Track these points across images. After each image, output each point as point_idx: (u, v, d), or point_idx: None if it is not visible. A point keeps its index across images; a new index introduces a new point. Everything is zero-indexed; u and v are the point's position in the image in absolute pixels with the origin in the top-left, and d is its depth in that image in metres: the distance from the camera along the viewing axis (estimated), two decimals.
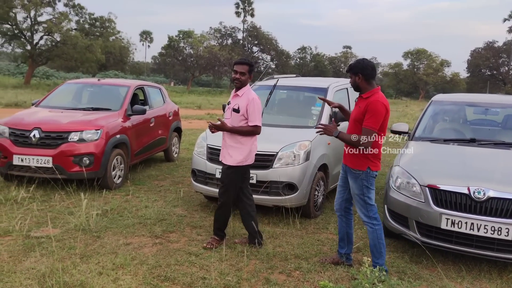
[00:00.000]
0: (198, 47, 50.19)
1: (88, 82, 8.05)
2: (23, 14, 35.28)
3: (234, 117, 4.33)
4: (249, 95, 4.35)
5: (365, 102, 3.75)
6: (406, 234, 4.38)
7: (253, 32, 54.00)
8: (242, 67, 4.32)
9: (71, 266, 3.74)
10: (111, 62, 46.15)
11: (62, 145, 5.90)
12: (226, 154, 4.37)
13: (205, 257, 4.16)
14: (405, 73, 62.49)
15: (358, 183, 3.87)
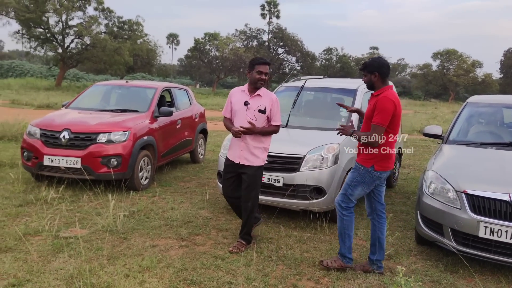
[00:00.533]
0: (224, 49, 50.44)
1: (116, 84, 8.14)
2: (55, 18, 36.47)
3: (260, 118, 4.28)
4: (271, 95, 4.34)
5: (375, 100, 3.78)
6: (441, 241, 4.19)
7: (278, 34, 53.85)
8: (266, 67, 4.27)
9: (98, 268, 3.74)
10: (139, 65, 46.93)
11: (91, 146, 5.96)
12: (249, 156, 4.29)
13: (232, 261, 4.09)
14: (434, 74, 61.10)
15: (354, 174, 3.90)
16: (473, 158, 4.84)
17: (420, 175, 5.03)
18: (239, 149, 4.30)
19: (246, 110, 4.28)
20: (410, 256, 4.46)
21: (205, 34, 53.23)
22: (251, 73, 4.26)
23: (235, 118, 4.34)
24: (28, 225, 4.70)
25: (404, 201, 6.65)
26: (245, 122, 4.20)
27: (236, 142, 4.32)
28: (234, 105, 4.35)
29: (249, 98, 4.31)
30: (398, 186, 7.61)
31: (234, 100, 4.38)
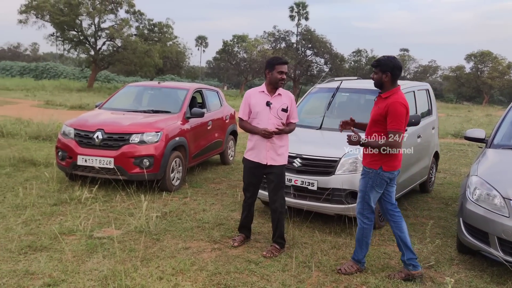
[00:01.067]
0: (252, 51, 50.50)
1: (149, 85, 8.18)
2: (88, 21, 37.32)
3: (283, 117, 4.32)
4: (289, 94, 4.42)
5: (384, 103, 3.70)
6: (486, 251, 3.97)
7: (307, 36, 53.41)
8: (285, 67, 4.29)
9: (132, 269, 3.71)
10: (168, 67, 47.54)
11: (124, 147, 5.98)
12: (275, 155, 4.29)
13: (266, 266, 3.99)
14: (468, 76, 59.35)
15: (365, 180, 3.85)
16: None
17: (463, 181, 4.80)
18: (265, 150, 4.26)
19: (269, 110, 4.25)
20: (452, 265, 4.26)
21: (234, 36, 53.46)
22: (271, 73, 4.24)
23: (258, 119, 4.29)
24: (63, 225, 4.74)
25: (442, 207, 6.40)
26: (269, 122, 4.22)
27: (262, 143, 4.26)
28: (255, 107, 4.29)
29: (270, 98, 4.28)
30: (435, 191, 7.35)
31: (254, 101, 4.31)
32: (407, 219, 5.66)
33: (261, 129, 4.18)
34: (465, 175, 8.69)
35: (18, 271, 3.62)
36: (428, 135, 6.72)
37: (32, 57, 71.58)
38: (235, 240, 4.52)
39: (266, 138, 4.21)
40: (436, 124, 7.34)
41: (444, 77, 64.29)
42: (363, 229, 3.93)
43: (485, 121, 22.74)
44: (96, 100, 22.34)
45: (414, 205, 6.35)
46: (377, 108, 3.80)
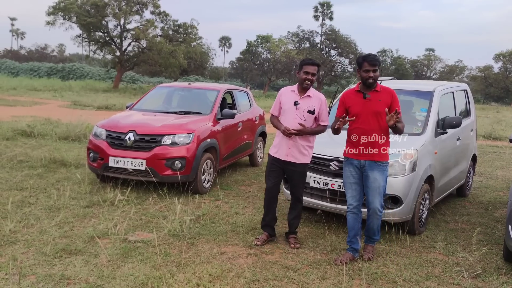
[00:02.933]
0: (276, 51, 50.29)
1: (179, 86, 8.12)
2: (114, 22, 37.80)
3: (309, 118, 4.36)
4: (320, 96, 4.46)
5: (384, 94, 4.06)
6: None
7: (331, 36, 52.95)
8: (313, 68, 4.34)
9: (168, 275, 3.62)
10: (192, 67, 47.75)
11: (156, 148, 5.92)
12: (297, 154, 4.37)
13: (304, 273, 3.85)
14: (496, 76, 57.77)
15: (385, 174, 4.11)
16: None
17: (511, 186, 4.54)
18: (287, 147, 4.35)
19: (295, 110, 4.34)
20: (500, 275, 4.03)
21: (258, 36, 53.36)
22: (299, 73, 4.36)
23: (284, 117, 4.40)
24: (96, 227, 4.69)
25: (482, 212, 6.13)
26: (294, 121, 4.29)
27: (284, 140, 4.36)
28: (284, 105, 4.40)
29: (299, 98, 4.37)
30: (472, 196, 7.07)
31: (284, 99, 4.42)
32: (447, 225, 5.44)
33: (283, 127, 4.30)
34: (502, 179, 8.40)
35: (54, 275, 3.57)
36: (466, 137, 6.47)
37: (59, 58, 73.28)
38: (258, 239, 4.55)
39: (286, 136, 4.30)
40: (475, 126, 7.07)
41: (471, 78, 62.71)
42: (381, 217, 4.21)
43: None
44: (122, 100, 22.64)
45: (452, 210, 6.11)
46: (377, 101, 4.03)
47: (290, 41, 54.97)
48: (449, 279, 3.90)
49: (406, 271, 4.01)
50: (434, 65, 65.52)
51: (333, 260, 4.15)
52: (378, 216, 4.16)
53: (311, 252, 4.35)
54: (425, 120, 5.32)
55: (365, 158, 4.08)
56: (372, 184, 4.07)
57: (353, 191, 4.20)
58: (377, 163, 4.07)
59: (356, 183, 4.18)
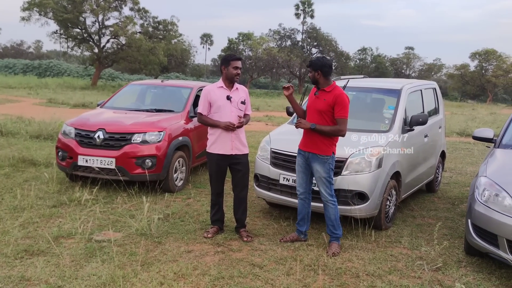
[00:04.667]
0: (257, 49, 50.31)
1: (152, 84, 8.07)
2: (91, 18, 37.15)
3: (243, 109, 4.69)
4: (244, 88, 4.76)
5: (331, 95, 4.26)
6: (495, 253, 3.90)
7: (312, 34, 53.26)
8: (240, 62, 4.59)
9: (131, 274, 3.61)
10: (173, 64, 47.44)
11: (126, 147, 5.88)
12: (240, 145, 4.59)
13: (270, 269, 3.89)
14: (472, 75, 58.90)
15: (326, 167, 4.33)
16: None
17: (472, 181, 4.68)
18: (230, 141, 4.52)
19: (230, 103, 4.53)
20: (460, 267, 4.15)
21: (239, 34, 53.25)
22: (227, 69, 4.51)
23: (219, 113, 4.52)
24: (61, 227, 4.63)
25: (449, 207, 6.28)
26: (232, 115, 4.50)
27: (226, 135, 4.51)
28: (216, 102, 4.52)
29: (229, 92, 4.56)
30: (441, 191, 7.22)
31: (214, 97, 4.54)
32: (414, 220, 5.56)
33: (225, 123, 4.44)
34: (471, 174, 8.60)
35: (13, 276, 3.51)
36: (435, 135, 6.60)
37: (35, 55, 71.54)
38: (208, 232, 4.67)
39: (229, 131, 4.46)
40: (443, 123, 7.22)
41: (449, 75, 63.82)
42: (335, 207, 4.42)
43: (489, 119, 22.51)
44: (100, 98, 22.29)
45: (420, 206, 6.24)
46: (322, 100, 4.29)
47: (272, 39, 55.07)
48: (411, 272, 3.99)
49: (370, 265, 4.09)
50: (413, 63, 66.39)
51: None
52: (330, 205, 4.39)
53: (278, 249, 4.39)
54: (392, 117, 5.41)
55: (308, 150, 4.40)
56: (316, 174, 4.41)
57: (300, 179, 4.55)
58: (318, 156, 4.33)
59: (303, 172, 4.50)
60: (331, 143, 4.33)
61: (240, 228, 4.74)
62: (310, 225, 4.75)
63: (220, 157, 4.56)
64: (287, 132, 5.75)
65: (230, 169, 4.68)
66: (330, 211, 4.40)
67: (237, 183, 4.68)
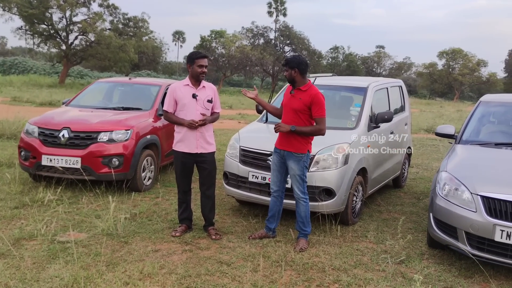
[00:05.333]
0: (230, 47, 50.22)
1: (119, 81, 7.93)
2: (58, 14, 36.20)
3: (209, 107, 4.67)
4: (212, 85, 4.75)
5: (307, 95, 4.30)
6: (454, 245, 4.03)
7: (285, 32, 53.49)
8: (205, 60, 4.57)
9: (96, 275, 3.55)
10: (144, 62, 46.85)
11: (91, 146, 5.77)
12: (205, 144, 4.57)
13: (237, 266, 3.91)
14: (440, 73, 60.66)
15: (301, 164, 4.37)
16: (488, 159, 4.65)
17: (434, 176, 4.83)
18: (195, 139, 4.50)
19: (196, 102, 4.50)
20: (422, 260, 4.29)
21: (212, 31, 53.02)
22: (192, 67, 4.48)
23: (185, 111, 4.50)
24: (23, 229, 4.51)
25: (414, 202, 6.46)
26: (197, 113, 4.47)
27: (191, 134, 4.49)
28: (181, 100, 4.50)
29: (195, 90, 4.53)
30: (407, 186, 7.42)
31: (180, 95, 4.51)
32: (380, 215, 5.69)
33: (188, 121, 4.42)
34: (436, 170, 8.86)
35: None
36: (401, 131, 6.76)
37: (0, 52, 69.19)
38: (176, 230, 4.65)
39: (193, 129, 4.44)
40: (409, 120, 7.40)
41: (418, 74, 65.46)
42: (307, 205, 4.47)
43: (456, 116, 23.26)
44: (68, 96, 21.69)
45: (387, 201, 6.39)
46: (298, 99, 4.31)
47: (245, 37, 55.03)
48: (375, 266, 4.09)
49: (336, 260, 4.16)
50: (384, 62, 67.76)
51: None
52: (302, 202, 4.45)
53: (246, 246, 4.40)
54: (359, 115, 5.52)
55: (284, 148, 4.42)
56: (290, 172, 4.44)
57: (274, 177, 4.57)
58: (293, 154, 4.37)
59: (278, 170, 4.52)
60: (306, 141, 4.38)
61: (208, 226, 4.74)
62: (279, 222, 4.78)
63: (185, 155, 4.55)
64: (257, 130, 5.78)
65: (197, 167, 4.67)
66: (301, 208, 4.45)
67: (204, 181, 4.68)
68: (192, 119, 4.44)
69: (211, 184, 4.70)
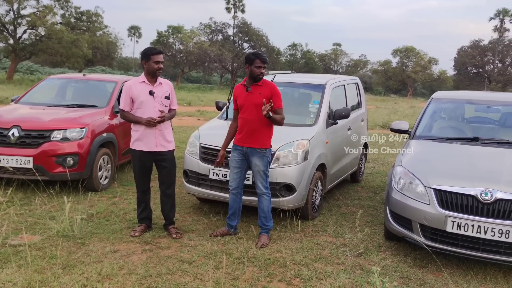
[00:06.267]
0: (188, 42, 49.57)
1: (73, 78, 7.66)
2: (5, 7, 34.35)
3: (167, 104, 4.62)
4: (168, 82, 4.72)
5: (265, 89, 4.38)
6: (409, 237, 4.19)
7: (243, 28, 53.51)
8: (161, 56, 4.48)
9: (51, 278, 3.42)
10: (98, 58, 45.36)
11: (44, 145, 5.55)
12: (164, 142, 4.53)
13: (199, 264, 3.88)
14: (394, 70, 62.62)
15: (265, 160, 4.43)
16: (440, 153, 4.86)
17: (389, 171, 4.99)
18: (154, 137, 4.43)
19: (153, 99, 4.42)
20: (379, 252, 4.43)
21: (169, 27, 52.15)
22: (148, 64, 4.39)
23: (142, 109, 4.41)
24: None
25: (371, 196, 6.66)
26: (155, 110, 4.39)
27: (150, 132, 4.42)
28: (138, 97, 4.40)
29: (152, 87, 4.44)
30: (364, 181, 7.63)
31: (136, 92, 4.42)
32: (339, 209, 5.82)
33: (146, 119, 4.34)
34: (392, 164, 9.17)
35: None
36: (358, 127, 6.95)
37: None
38: (135, 230, 4.56)
39: (152, 127, 4.37)
40: (365, 117, 7.61)
41: (373, 71, 67.27)
42: (269, 200, 4.51)
43: (409, 112, 24.15)
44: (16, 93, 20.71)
45: (345, 195, 6.54)
46: (258, 94, 4.35)
47: (203, 33, 54.57)
48: (335, 259, 4.18)
49: (297, 254, 4.22)
50: (341, 59, 69.13)
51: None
52: (265, 197, 4.49)
53: (208, 244, 4.38)
54: (317, 111, 5.61)
55: (247, 145, 4.43)
56: (254, 168, 4.46)
57: (234, 174, 4.56)
58: (257, 150, 4.41)
59: (238, 167, 4.52)
60: (268, 137, 4.44)
61: (168, 225, 4.68)
62: (240, 219, 4.79)
63: (143, 154, 4.47)
64: (217, 127, 5.75)
65: (156, 166, 4.60)
66: (264, 203, 4.49)
67: (164, 179, 4.61)
68: (150, 116, 4.35)
69: (171, 182, 4.64)
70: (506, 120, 5.65)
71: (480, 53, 57.39)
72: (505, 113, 5.75)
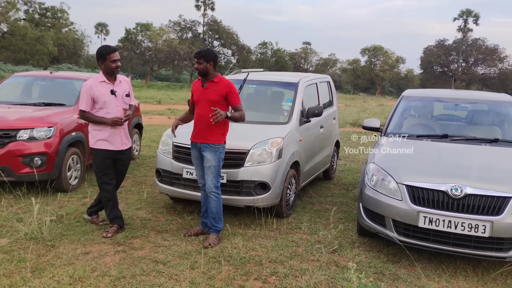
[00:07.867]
0: (157, 40, 48.89)
1: (39, 75, 7.40)
2: None
3: (127, 101, 4.65)
4: (126, 78, 4.76)
5: (221, 86, 4.37)
6: (383, 233, 4.26)
7: (213, 26, 53.28)
8: (117, 54, 4.49)
9: (20, 282, 3.30)
10: (64, 55, 44.19)
11: (10, 144, 5.35)
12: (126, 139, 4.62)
13: (174, 265, 3.83)
14: (363, 69, 63.76)
15: (217, 156, 4.38)
16: (412, 150, 4.94)
17: (362, 168, 5.07)
18: (120, 136, 4.49)
19: (115, 98, 4.45)
20: (353, 248, 4.49)
21: (137, 24, 51.22)
22: (105, 64, 4.38)
23: (106, 109, 4.40)
24: None
25: (343, 192, 6.74)
26: (118, 109, 4.44)
27: (115, 131, 4.46)
28: (100, 98, 4.38)
29: (113, 86, 4.46)
30: (336, 178, 7.72)
31: (97, 93, 4.39)
32: (313, 206, 5.87)
33: (112, 119, 4.35)
34: (363, 162, 9.33)
35: None
36: (330, 125, 7.03)
37: None
38: (107, 231, 4.49)
39: (119, 126, 4.42)
40: (337, 115, 7.71)
41: (343, 70, 68.28)
42: (219, 200, 4.44)
43: (378, 110, 24.66)
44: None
45: (318, 192, 6.60)
46: (213, 91, 4.35)
47: (172, 30, 53.96)
48: (310, 256, 4.21)
49: (272, 252, 4.23)
50: (311, 58, 69.83)
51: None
52: (213, 197, 4.41)
53: (182, 244, 4.33)
54: (291, 109, 5.64)
55: (200, 141, 4.42)
56: (205, 164, 4.41)
57: (199, 171, 4.55)
58: (210, 145, 4.38)
59: (200, 164, 4.52)
60: (222, 133, 4.42)
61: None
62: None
63: (109, 153, 4.47)
64: (190, 125, 5.64)
65: (114, 163, 4.61)
66: (212, 204, 4.41)
67: (119, 177, 4.72)
68: (116, 116, 4.37)
69: (123, 178, 4.81)
70: (472, 118, 5.83)
71: (445, 53, 59.30)
72: (471, 110, 5.94)
